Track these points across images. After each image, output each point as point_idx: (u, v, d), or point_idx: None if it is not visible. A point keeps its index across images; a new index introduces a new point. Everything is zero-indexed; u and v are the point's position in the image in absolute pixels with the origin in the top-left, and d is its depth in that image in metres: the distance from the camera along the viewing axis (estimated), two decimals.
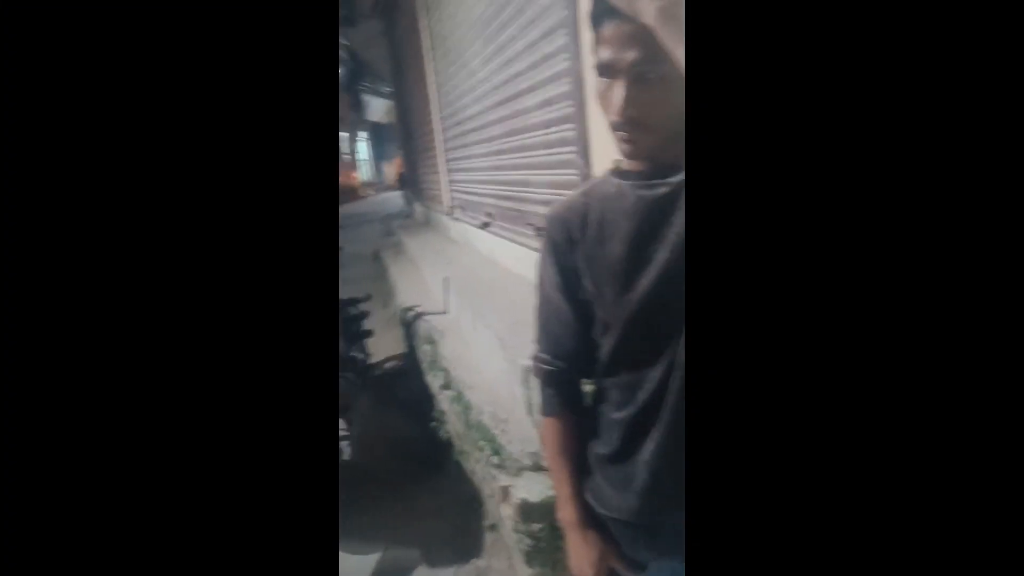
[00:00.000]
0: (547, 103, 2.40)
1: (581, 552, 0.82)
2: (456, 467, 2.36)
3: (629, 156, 0.74)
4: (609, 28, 0.66)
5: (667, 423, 0.73)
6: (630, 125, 0.68)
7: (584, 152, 2.07)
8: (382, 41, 7.67)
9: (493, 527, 2.01)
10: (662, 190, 0.73)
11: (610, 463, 0.79)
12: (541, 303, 0.84)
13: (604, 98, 0.70)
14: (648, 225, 0.73)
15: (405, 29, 5.46)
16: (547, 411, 0.86)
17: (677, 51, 0.56)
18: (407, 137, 7.04)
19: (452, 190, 4.69)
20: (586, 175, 2.06)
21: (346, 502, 2.20)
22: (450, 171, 4.69)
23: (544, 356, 0.84)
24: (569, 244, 0.79)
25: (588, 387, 0.86)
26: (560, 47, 2.16)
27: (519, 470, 1.68)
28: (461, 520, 2.14)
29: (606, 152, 1.86)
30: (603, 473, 0.81)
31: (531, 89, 2.55)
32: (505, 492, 1.65)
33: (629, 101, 0.66)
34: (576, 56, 2.00)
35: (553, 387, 0.85)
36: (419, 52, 4.92)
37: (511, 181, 3.05)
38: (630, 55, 0.65)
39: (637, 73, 0.65)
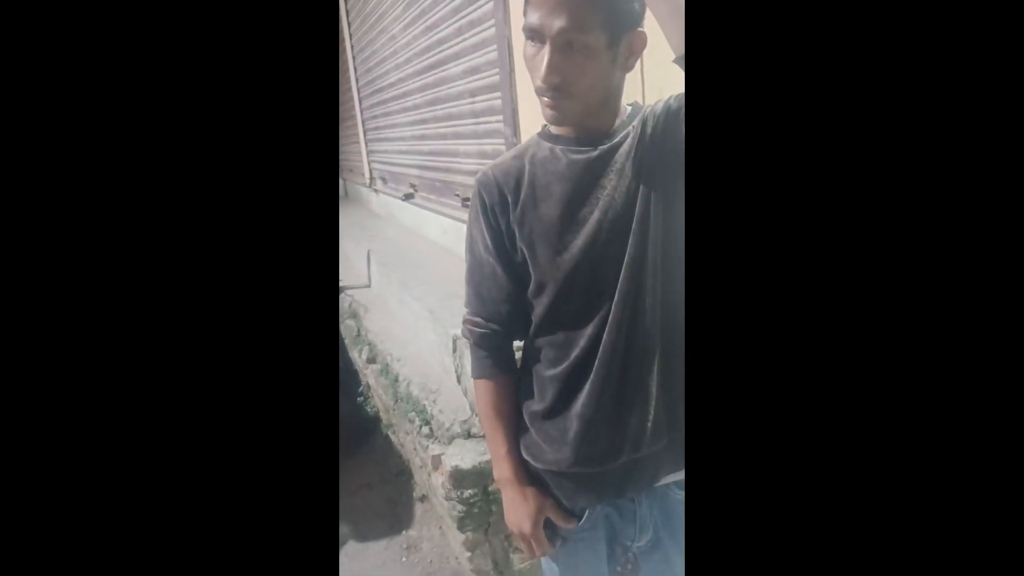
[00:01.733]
0: (473, 71, 2.36)
1: (518, 507, 0.83)
2: (385, 441, 2.34)
3: (553, 121, 0.76)
4: None
5: (599, 376, 0.76)
6: (553, 91, 0.70)
7: (512, 121, 2.06)
8: None
9: (424, 498, 2.02)
10: (592, 154, 0.74)
11: (544, 419, 0.81)
12: (472, 266, 0.84)
13: (530, 62, 0.70)
14: (580, 187, 0.75)
15: None
16: (480, 373, 0.86)
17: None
18: None
19: (372, 161, 4.55)
20: (513, 144, 2.06)
21: None
22: (369, 141, 4.54)
23: (476, 319, 0.84)
24: (502, 206, 0.79)
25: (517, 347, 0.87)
26: (487, 13, 2.12)
27: (451, 438, 1.69)
28: (391, 493, 2.13)
29: (534, 121, 1.86)
30: (538, 429, 0.82)
31: (456, 56, 2.50)
32: (437, 461, 1.65)
33: (553, 67, 0.68)
34: (504, 22, 1.98)
35: (486, 349, 0.85)
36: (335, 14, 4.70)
37: (436, 151, 3.00)
38: (558, 22, 0.66)
39: (564, 40, 0.67)
